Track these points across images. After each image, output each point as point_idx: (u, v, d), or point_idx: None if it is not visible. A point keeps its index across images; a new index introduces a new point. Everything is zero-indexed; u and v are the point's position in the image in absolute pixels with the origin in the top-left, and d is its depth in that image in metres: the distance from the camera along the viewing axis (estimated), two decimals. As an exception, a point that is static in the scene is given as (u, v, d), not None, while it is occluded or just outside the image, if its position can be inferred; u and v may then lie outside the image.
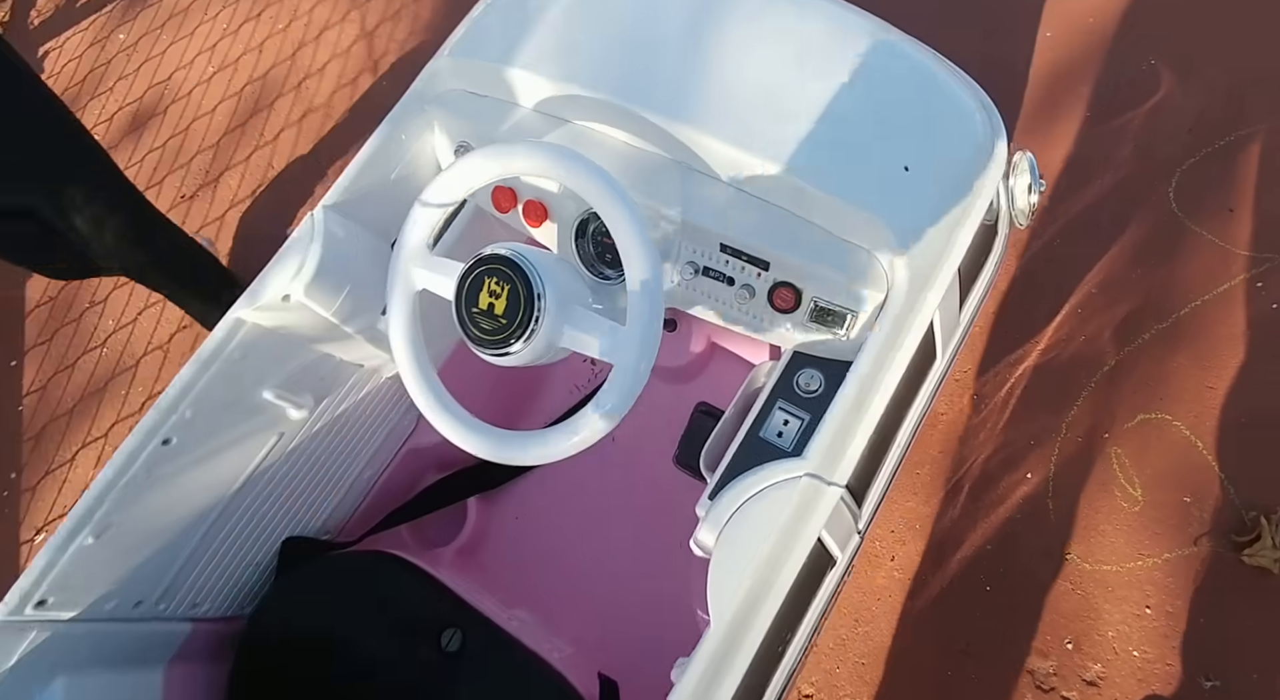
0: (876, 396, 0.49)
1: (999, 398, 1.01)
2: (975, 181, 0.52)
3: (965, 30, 1.24)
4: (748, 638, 0.45)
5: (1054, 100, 1.17)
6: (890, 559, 0.95)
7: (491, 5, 0.65)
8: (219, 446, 0.61)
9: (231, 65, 1.53)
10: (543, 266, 0.47)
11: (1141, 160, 1.10)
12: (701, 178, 0.55)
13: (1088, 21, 1.21)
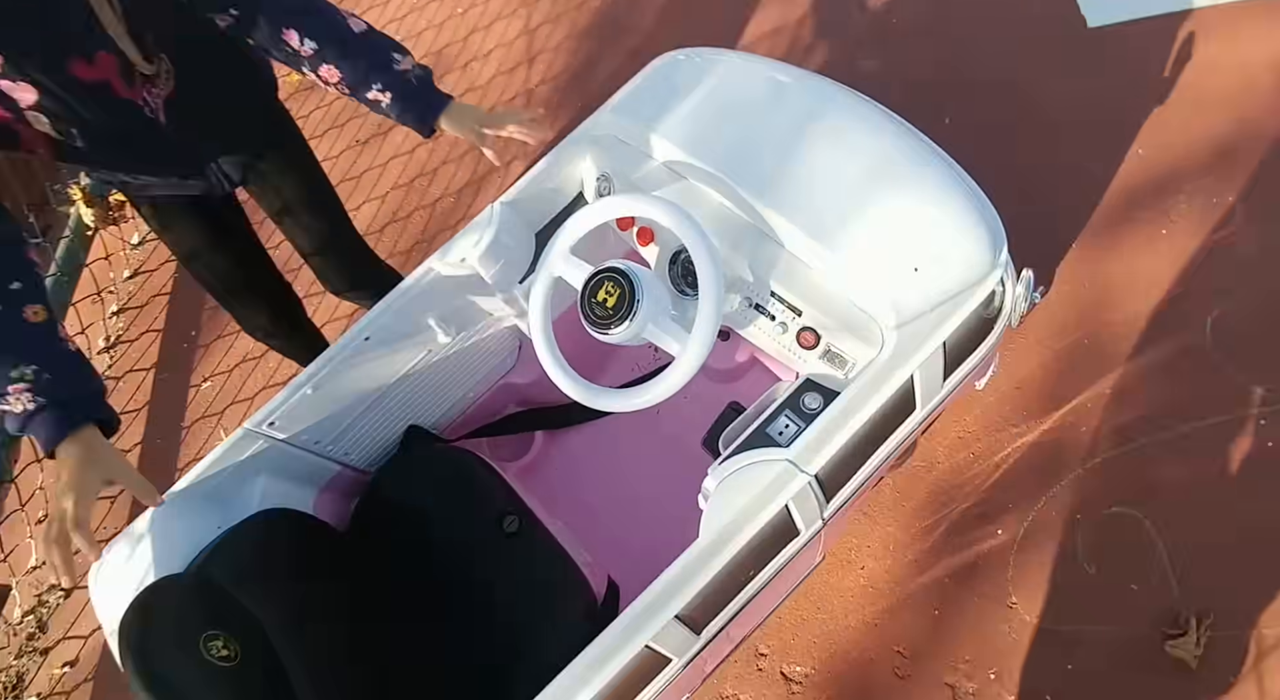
0: (851, 421, 0.70)
1: (993, 461, 1.17)
2: (966, 290, 0.72)
3: (1065, 140, 1.38)
4: (720, 555, 0.67)
5: (1126, 216, 1.30)
6: (861, 568, 1.14)
7: (650, 77, 0.88)
8: (394, 350, 0.88)
9: (414, 37, 1.82)
10: (644, 281, 0.70)
11: (1191, 285, 1.22)
12: (769, 242, 0.77)
13: (1178, 149, 1.32)
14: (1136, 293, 1.22)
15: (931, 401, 0.80)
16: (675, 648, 0.72)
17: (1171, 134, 1.33)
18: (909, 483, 1.15)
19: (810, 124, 0.79)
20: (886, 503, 1.15)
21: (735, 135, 0.80)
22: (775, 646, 1.10)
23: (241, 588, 0.75)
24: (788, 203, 0.75)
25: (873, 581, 1.11)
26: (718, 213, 0.79)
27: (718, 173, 0.77)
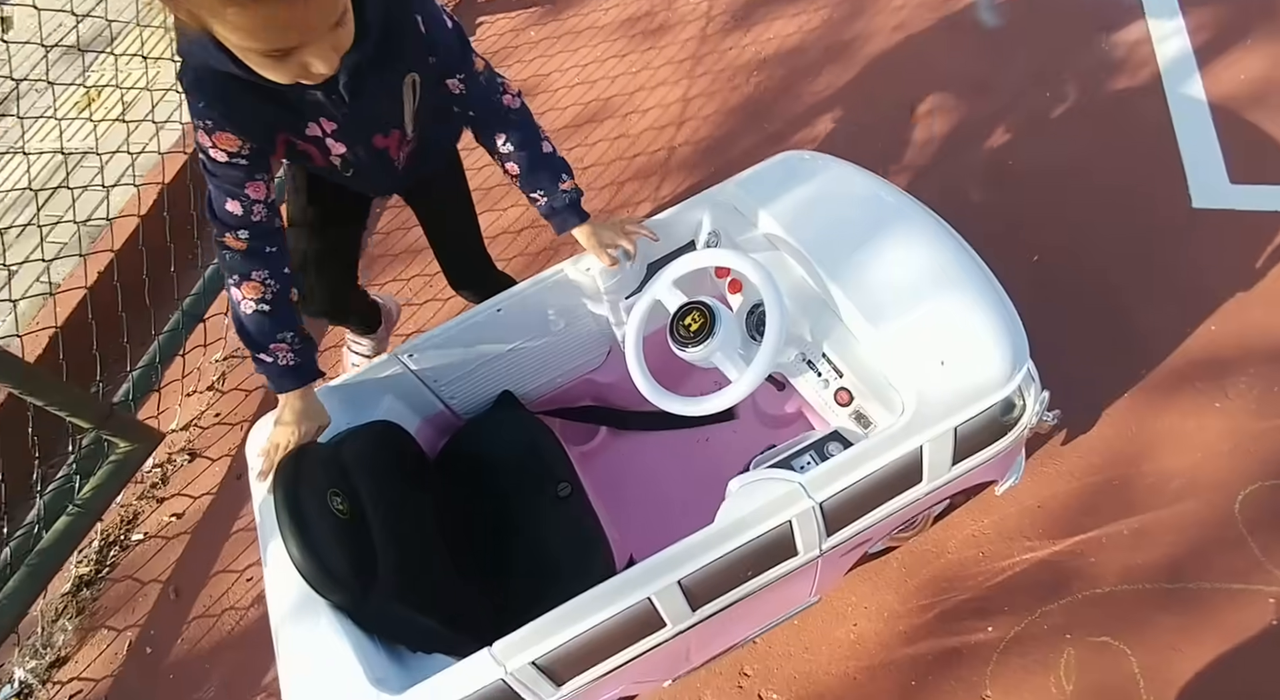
0: (859, 467, 0.86)
1: (999, 564, 1.25)
2: (981, 391, 0.87)
3: (1140, 298, 1.46)
4: (727, 542, 0.84)
5: (1184, 380, 1.36)
6: (854, 624, 1.24)
7: (773, 165, 1.11)
8: (514, 326, 1.12)
9: (588, 83, 2.14)
10: (724, 318, 0.90)
11: (1231, 459, 1.27)
12: (830, 313, 0.95)
13: (1251, 336, 1.37)
14: (1175, 451, 1.29)
15: (938, 479, 0.94)
16: (671, 613, 0.89)
17: (1249, 320, 1.39)
18: (916, 562, 1.26)
19: (884, 229, 0.98)
20: (891, 575, 1.25)
21: (825, 225, 1.00)
22: (759, 671, 1.22)
23: (358, 469, 0.98)
24: (852, 286, 0.94)
25: (862, 640, 1.22)
26: (796, 282, 0.99)
27: (804, 251, 0.97)
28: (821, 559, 0.98)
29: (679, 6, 2.24)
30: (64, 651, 1.42)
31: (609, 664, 0.90)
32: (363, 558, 0.91)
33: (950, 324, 0.91)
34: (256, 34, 0.71)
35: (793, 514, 0.85)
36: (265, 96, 0.84)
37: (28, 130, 2.04)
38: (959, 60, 1.91)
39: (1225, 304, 1.41)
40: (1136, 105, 1.73)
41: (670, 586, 0.85)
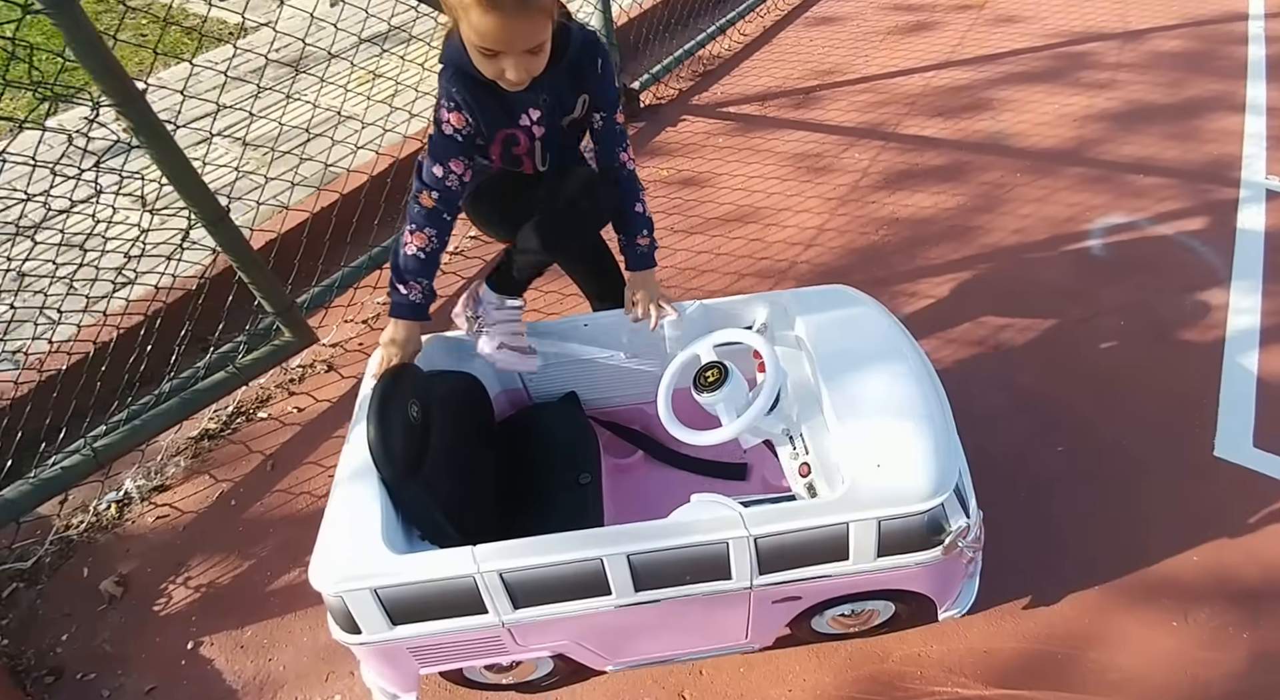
0: (790, 518, 1.08)
1: (931, 689, 1.33)
2: (901, 501, 1.09)
3: (1126, 507, 1.59)
4: (675, 537, 1.07)
5: (1154, 591, 1.46)
6: (788, 689, 1.35)
7: (827, 289, 1.41)
8: (595, 340, 1.46)
9: (748, 190, 2.51)
10: (734, 379, 1.19)
11: (1173, 676, 1.33)
12: (816, 405, 1.21)
13: (1227, 580, 1.46)
14: (1124, 650, 1.38)
15: (864, 563, 1.14)
16: (617, 584, 1.11)
17: (1228, 564, 1.49)
18: (861, 658, 1.39)
19: (880, 360, 1.26)
20: (836, 660, 1.39)
21: (838, 344, 1.29)
22: (694, 697, 1.36)
23: (439, 398, 1.32)
24: (837, 391, 1.20)
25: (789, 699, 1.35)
26: (802, 377, 1.27)
27: (815, 356, 1.26)
28: (754, 597, 1.18)
29: (845, 157, 2.65)
30: (169, 482, 1.80)
31: (559, 607, 1.13)
32: (416, 456, 1.21)
33: (895, 440, 1.15)
34: (481, 34, 1.05)
35: (729, 536, 1.08)
36: (493, 96, 1.18)
37: (320, 89, 2.74)
38: (1056, 272, 2.15)
39: (1212, 543, 1.52)
40: (1196, 354, 1.90)
41: (619, 556, 1.08)
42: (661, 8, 3.30)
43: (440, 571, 1.08)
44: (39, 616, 1.56)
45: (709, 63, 3.25)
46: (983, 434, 1.73)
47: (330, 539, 1.12)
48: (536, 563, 1.08)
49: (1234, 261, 2.14)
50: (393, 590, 1.08)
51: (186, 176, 1.59)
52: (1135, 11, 3.47)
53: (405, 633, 1.13)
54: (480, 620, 1.13)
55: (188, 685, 1.44)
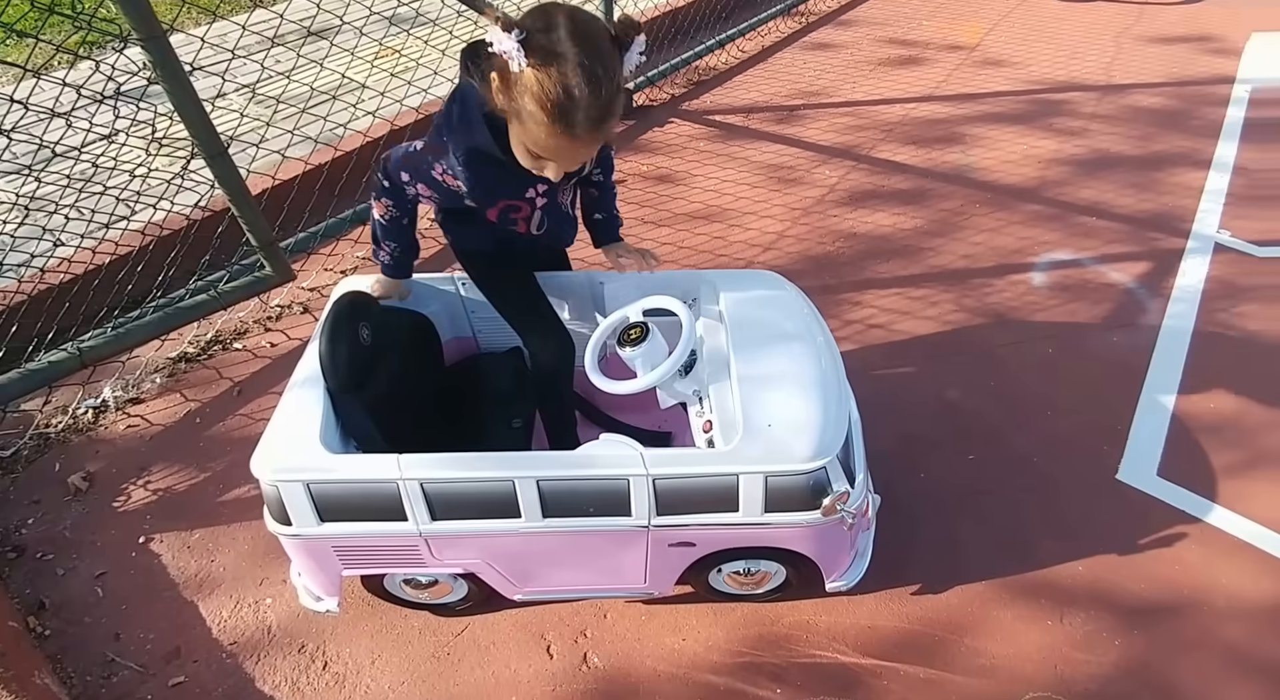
0: (683, 466, 1.22)
1: (813, 651, 1.45)
2: (786, 460, 1.21)
3: (1011, 527, 1.73)
4: (581, 468, 1.21)
5: (1046, 593, 1.60)
6: (682, 638, 1.47)
7: (753, 273, 1.56)
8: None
9: (719, 193, 2.66)
10: (654, 337, 1.34)
11: (1039, 669, 1.45)
12: (725, 369, 1.35)
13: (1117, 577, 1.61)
14: (996, 639, 1.49)
15: (751, 516, 1.28)
16: (526, 507, 1.25)
17: (1110, 578, 1.60)
18: (754, 619, 1.51)
19: (789, 338, 1.40)
20: (732, 618, 1.51)
21: (753, 319, 1.43)
22: (595, 637, 1.49)
23: (392, 327, 1.46)
24: (744, 359, 1.34)
25: (680, 652, 1.47)
26: (717, 344, 1.41)
27: (730, 329, 1.41)
28: (652, 539, 1.31)
29: (816, 173, 2.82)
30: (143, 396, 1.95)
31: (474, 524, 1.27)
32: (361, 373, 1.33)
33: (788, 405, 1.28)
34: (543, 147, 1.08)
35: (629, 474, 1.21)
36: (501, 172, 1.21)
37: (332, 55, 2.92)
38: (997, 297, 2.31)
39: (1100, 557, 1.64)
40: (1116, 386, 2.04)
41: (530, 480, 1.22)
42: (665, 18, 3.49)
43: (367, 473, 1.22)
44: (9, 500, 1.71)
45: (705, 73, 3.44)
46: (900, 434, 1.89)
47: (274, 434, 1.26)
48: (455, 476, 1.23)
49: (1168, 305, 2.29)
50: (323, 486, 1.22)
51: (194, 112, 1.75)
52: (1122, 66, 3.67)
53: (331, 530, 1.26)
54: (400, 527, 1.26)
55: (134, 574, 1.57)
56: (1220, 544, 1.67)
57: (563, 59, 0.98)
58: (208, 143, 1.80)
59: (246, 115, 2.35)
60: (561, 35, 0.98)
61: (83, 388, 1.92)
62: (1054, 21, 4.15)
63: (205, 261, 2.14)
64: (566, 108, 1.00)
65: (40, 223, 2.03)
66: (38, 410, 1.88)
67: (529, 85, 1.00)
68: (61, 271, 2.00)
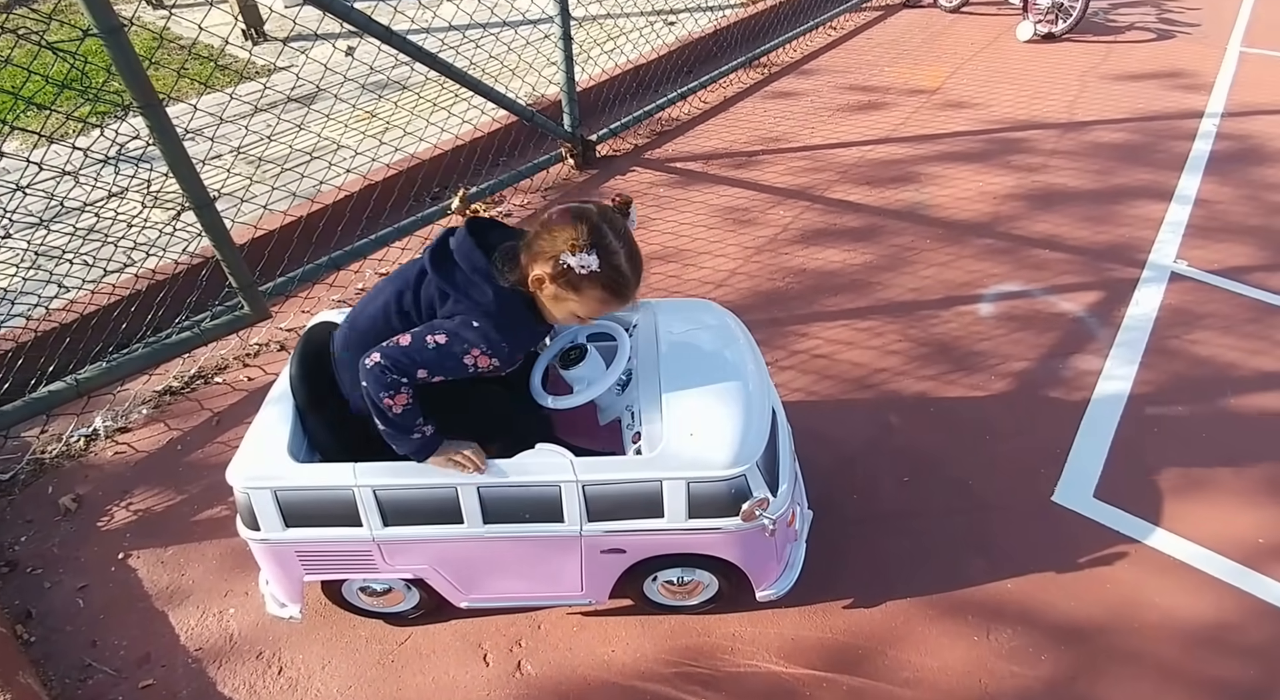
0: (610, 472, 1.40)
1: (741, 662, 1.59)
2: (706, 467, 1.40)
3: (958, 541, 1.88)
4: (515, 475, 1.40)
5: (974, 610, 1.74)
6: (611, 649, 1.61)
7: (694, 302, 1.78)
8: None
9: (676, 234, 2.89)
10: (591, 358, 1.55)
11: (963, 682, 1.56)
12: (656, 388, 1.53)
13: (1047, 595, 1.74)
14: (922, 652, 1.61)
15: (676, 522, 1.46)
16: (469, 513, 1.44)
17: (1040, 597, 1.71)
18: (683, 630, 1.65)
19: (720, 360, 1.59)
20: (661, 630, 1.66)
21: (687, 342, 1.63)
22: (529, 647, 1.63)
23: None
24: (673, 377, 1.53)
25: (610, 661, 1.60)
26: (650, 362, 1.60)
27: (663, 348, 1.61)
28: (585, 545, 1.49)
29: (770, 213, 3.06)
30: (130, 425, 2.17)
31: (421, 530, 1.45)
32: (325, 389, 1.51)
33: (709, 418, 1.46)
34: (597, 312, 1.38)
35: (560, 480, 1.40)
36: (536, 330, 1.45)
37: (311, 119, 3.27)
38: (943, 328, 2.49)
39: (1030, 575, 1.77)
40: (1058, 411, 2.20)
41: (470, 487, 1.41)
42: (627, 74, 3.81)
43: (327, 480, 1.41)
44: (5, 519, 1.92)
45: (667, 124, 3.74)
46: (837, 456, 2.05)
47: (248, 447, 1.47)
48: (403, 482, 1.43)
49: (1119, 334, 2.47)
50: (289, 494, 1.42)
51: (185, 169, 2.03)
52: (1085, 104, 3.93)
53: (295, 536, 1.45)
54: (356, 532, 1.45)
55: (113, 587, 1.77)
56: (1155, 564, 1.80)
57: (615, 254, 1.33)
58: (197, 195, 2.07)
59: (233, 173, 2.66)
60: (609, 238, 1.33)
61: (77, 417, 2.16)
62: (1019, 63, 4.46)
63: (191, 302, 2.41)
64: (623, 285, 1.36)
65: (49, 268, 2.32)
66: (35, 437, 2.11)
67: (594, 279, 1.33)
68: (65, 311, 2.27)
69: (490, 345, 1.34)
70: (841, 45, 4.71)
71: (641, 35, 4.10)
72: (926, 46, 4.70)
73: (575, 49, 3.19)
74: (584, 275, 1.31)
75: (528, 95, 3.53)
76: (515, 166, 3.20)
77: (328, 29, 4.00)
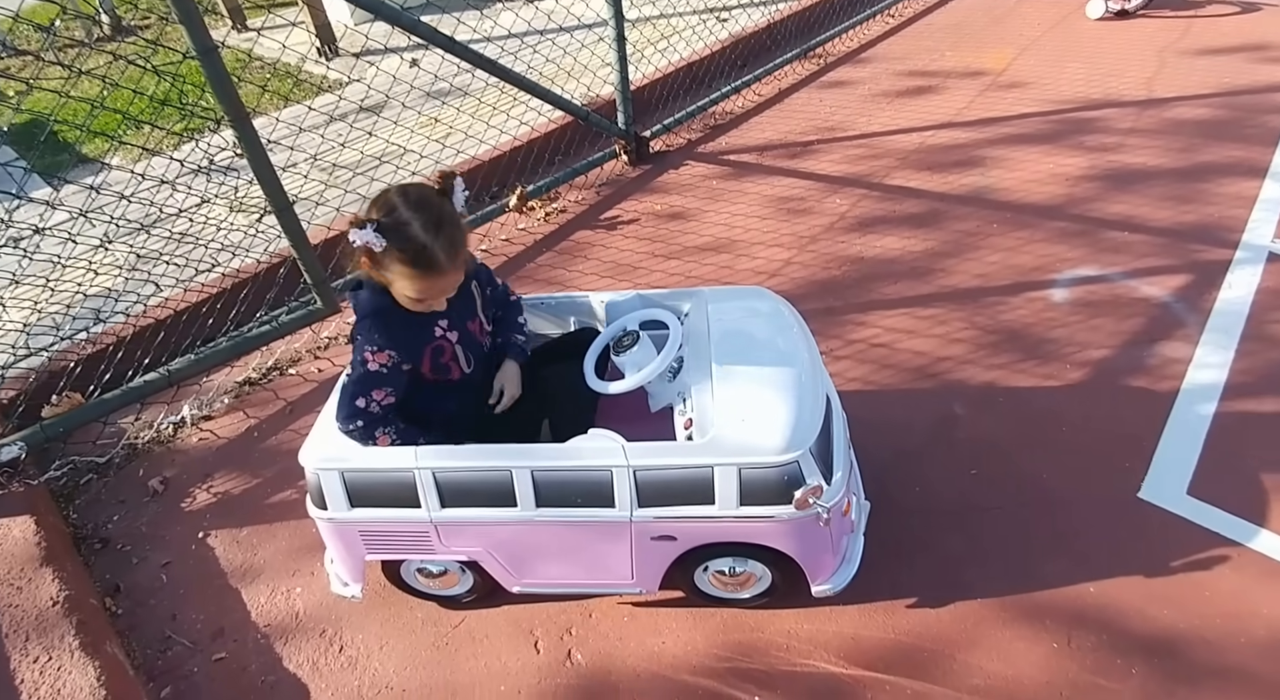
0: (662, 457, 1.33)
1: (796, 660, 1.49)
2: (759, 452, 1.31)
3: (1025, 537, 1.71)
4: (570, 459, 1.35)
5: (1053, 614, 1.58)
6: (662, 641, 1.53)
7: (744, 289, 1.68)
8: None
9: (729, 225, 2.79)
10: (643, 343, 1.48)
11: (1041, 694, 1.39)
12: (708, 374, 1.45)
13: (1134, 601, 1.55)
14: (994, 658, 1.45)
15: (729, 510, 1.37)
16: (522, 496, 1.38)
17: (1127, 602, 1.54)
18: (736, 625, 1.55)
19: (772, 346, 1.50)
20: (713, 623, 1.56)
21: (738, 329, 1.54)
22: (580, 635, 1.57)
23: None
24: (725, 364, 1.45)
25: (660, 653, 1.52)
26: (701, 349, 1.52)
27: (715, 335, 1.52)
28: (635, 531, 1.41)
29: (826, 202, 2.91)
30: (214, 413, 2.23)
31: (477, 512, 1.41)
32: None
33: (761, 403, 1.37)
34: (421, 290, 1.32)
35: (612, 464, 1.34)
36: (406, 325, 1.40)
37: (380, 126, 3.32)
38: (1011, 315, 2.29)
39: (1116, 578, 1.57)
40: (1142, 401, 1.97)
41: (525, 470, 1.37)
42: (681, 72, 3.71)
43: (389, 462, 1.40)
44: (101, 500, 2.00)
45: (720, 118, 3.61)
46: (896, 447, 1.89)
47: (319, 431, 1.48)
48: (460, 465, 1.39)
49: (1210, 319, 2.21)
50: (355, 475, 1.41)
51: (267, 175, 2.08)
52: (1164, 80, 3.58)
53: (359, 515, 1.44)
54: (415, 513, 1.42)
55: (193, 564, 1.81)
56: (1260, 569, 1.58)
57: (406, 225, 1.28)
58: (277, 200, 2.12)
59: (309, 178, 2.72)
60: (400, 209, 1.29)
61: (167, 406, 2.23)
62: (1090, 41, 4.12)
63: (269, 299, 2.47)
64: (424, 254, 1.30)
65: (147, 269, 2.43)
66: (130, 424, 2.20)
67: (392, 254, 1.29)
68: (160, 308, 2.36)
69: (372, 343, 1.38)
70: (900, 32, 4.47)
71: (694, 33, 4.00)
72: (990, 29, 4.41)
73: (629, 49, 3.12)
74: (382, 253, 1.30)
75: (583, 96, 3.49)
76: (571, 164, 3.16)
77: (396, 42, 4.08)
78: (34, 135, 3.79)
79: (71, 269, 2.39)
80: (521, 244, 2.87)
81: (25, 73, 4.46)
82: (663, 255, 2.72)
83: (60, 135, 3.77)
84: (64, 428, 2.06)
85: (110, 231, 2.17)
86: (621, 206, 3.03)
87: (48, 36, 1.96)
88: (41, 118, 3.96)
